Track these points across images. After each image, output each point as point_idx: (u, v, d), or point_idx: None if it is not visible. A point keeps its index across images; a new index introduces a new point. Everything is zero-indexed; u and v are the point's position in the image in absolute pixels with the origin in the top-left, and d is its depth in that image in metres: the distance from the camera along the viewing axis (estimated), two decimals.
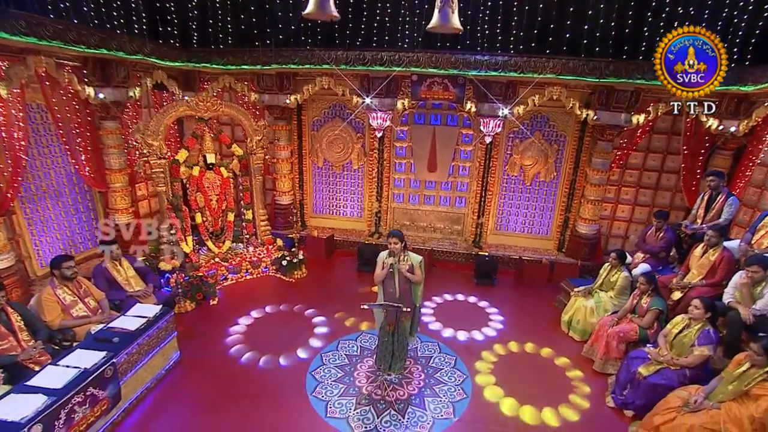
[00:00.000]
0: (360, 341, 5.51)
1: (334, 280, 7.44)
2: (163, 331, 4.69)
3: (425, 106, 8.04)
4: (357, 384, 4.73)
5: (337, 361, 5.08)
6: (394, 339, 4.75)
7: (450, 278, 7.49)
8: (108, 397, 3.91)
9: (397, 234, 4.49)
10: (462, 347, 5.47)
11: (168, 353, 4.81)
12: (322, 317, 6.02)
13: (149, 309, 4.77)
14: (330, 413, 4.30)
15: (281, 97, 7.86)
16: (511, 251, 8.13)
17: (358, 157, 8.53)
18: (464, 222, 8.58)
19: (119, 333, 4.29)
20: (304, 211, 9.01)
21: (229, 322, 5.81)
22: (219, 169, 7.29)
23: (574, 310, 5.91)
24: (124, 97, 6.48)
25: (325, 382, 4.72)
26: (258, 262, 7.42)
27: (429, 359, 5.20)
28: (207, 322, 5.86)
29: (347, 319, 6.00)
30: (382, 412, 4.32)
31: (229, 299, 6.51)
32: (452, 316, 6.21)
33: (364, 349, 5.34)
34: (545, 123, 7.74)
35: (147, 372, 4.48)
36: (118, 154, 6.70)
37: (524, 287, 7.37)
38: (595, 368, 5.16)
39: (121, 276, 5.19)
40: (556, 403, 4.59)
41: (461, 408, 4.45)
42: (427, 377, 4.87)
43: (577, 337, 5.81)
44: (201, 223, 7.17)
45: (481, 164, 8.11)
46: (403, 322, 4.72)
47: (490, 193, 8.22)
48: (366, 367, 5.02)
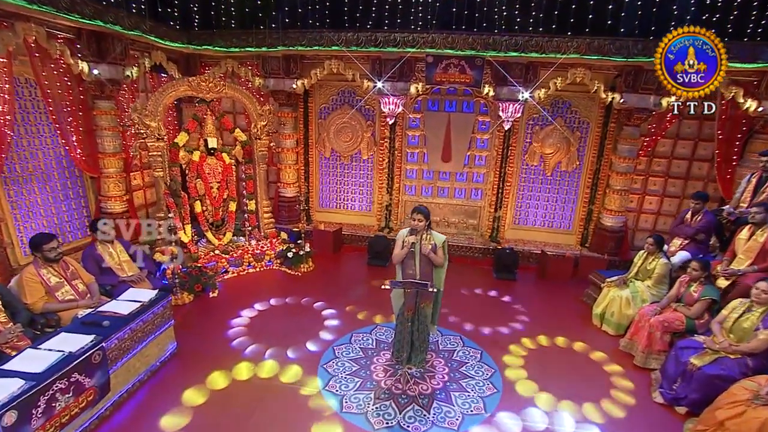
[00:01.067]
0: (375, 334, 5.13)
1: (344, 274, 7.13)
2: (158, 317, 4.30)
3: (439, 92, 7.76)
4: (374, 378, 4.34)
5: (351, 354, 4.70)
6: (413, 327, 4.36)
7: (467, 273, 7.14)
8: (95, 386, 3.50)
9: (422, 210, 4.16)
10: (487, 341, 5.10)
11: (164, 343, 4.41)
12: (332, 310, 5.67)
13: (144, 293, 4.39)
14: (346, 408, 3.89)
15: (287, 81, 7.58)
16: (530, 247, 7.75)
17: (367, 147, 8.21)
18: (480, 216, 8.23)
19: (110, 317, 3.89)
20: (310, 205, 8.65)
21: (230, 314, 5.44)
22: (221, 154, 6.97)
23: (608, 302, 5.52)
24: (120, 76, 6.17)
25: (339, 376, 4.33)
26: (261, 254, 7.04)
27: (452, 353, 4.82)
28: (207, 315, 5.49)
29: (360, 312, 5.64)
30: (404, 406, 3.92)
31: (230, 292, 6.15)
32: (473, 310, 5.87)
33: (380, 342, 4.97)
34: (567, 109, 7.44)
35: (140, 362, 4.07)
36: (113, 136, 6.36)
37: (547, 283, 6.99)
38: (637, 363, 4.76)
39: (114, 260, 4.81)
40: (597, 398, 4.20)
41: (492, 403, 4.05)
42: (452, 371, 4.49)
43: (611, 331, 5.41)
44: (200, 213, 6.82)
45: (498, 153, 7.80)
46: (423, 309, 4.33)
47: (508, 184, 7.89)
48: (383, 361, 4.64)
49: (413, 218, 4.16)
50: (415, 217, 4.15)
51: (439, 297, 4.46)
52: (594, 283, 6.21)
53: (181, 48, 7.30)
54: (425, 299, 4.27)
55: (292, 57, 7.47)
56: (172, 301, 5.54)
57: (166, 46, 6.96)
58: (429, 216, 4.23)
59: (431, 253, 4.15)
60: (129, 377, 3.95)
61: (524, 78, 6.92)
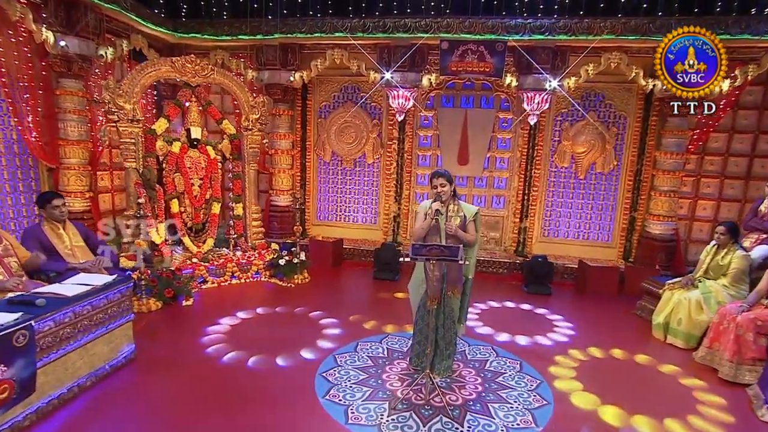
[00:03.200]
0: (386, 343, 4.50)
1: (346, 287, 6.61)
2: (113, 306, 3.66)
3: (455, 87, 7.50)
4: (388, 387, 3.66)
5: (358, 362, 4.05)
6: (438, 323, 3.75)
7: (492, 288, 6.57)
8: (13, 379, 2.81)
9: (444, 174, 3.72)
10: (526, 351, 4.49)
11: (117, 342, 3.73)
12: (332, 319, 5.06)
13: (98, 278, 3.78)
14: (353, 419, 3.18)
15: (284, 74, 7.33)
16: (565, 261, 7.14)
17: (373, 149, 7.84)
18: (503, 227, 7.70)
19: (48, 298, 3.26)
20: (305, 217, 8.13)
21: (207, 322, 4.78)
22: (205, 147, 6.54)
23: (672, 308, 4.86)
24: (92, 53, 5.88)
25: (341, 385, 3.64)
26: (248, 265, 6.43)
27: (483, 363, 4.16)
28: (177, 323, 4.88)
29: (366, 321, 5.04)
30: (429, 419, 3.21)
31: (208, 301, 5.55)
32: (504, 321, 5.30)
33: (393, 351, 4.32)
34: (600, 102, 7.12)
35: (82, 360, 3.39)
36: (78, 121, 5.96)
37: (588, 298, 6.35)
38: (724, 376, 4.04)
39: (63, 244, 4.22)
40: (681, 414, 3.49)
41: (544, 416, 3.36)
42: (486, 381, 3.81)
43: (681, 343, 4.71)
44: (178, 213, 6.26)
45: (523, 154, 7.40)
46: (451, 298, 3.73)
47: (534, 189, 7.42)
48: (399, 370, 3.95)
49: (435, 184, 3.70)
50: (436, 182, 3.70)
51: (468, 288, 3.89)
52: (649, 292, 5.56)
53: (164, 34, 7.09)
54: (453, 284, 3.70)
55: (290, 46, 7.26)
56: (135, 307, 4.94)
57: (148, 29, 6.75)
58: (453, 180, 3.76)
59: (459, 231, 3.63)
60: (65, 378, 3.25)
61: (551, 65, 6.66)
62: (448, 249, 3.22)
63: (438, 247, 3.23)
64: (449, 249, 3.22)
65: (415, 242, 3.37)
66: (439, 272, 3.68)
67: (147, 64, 6.02)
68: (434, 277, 3.69)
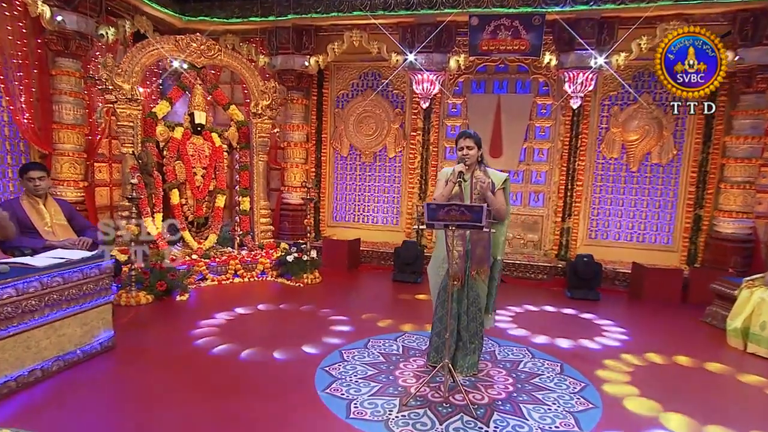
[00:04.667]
0: (403, 341, 4.22)
1: (361, 288, 6.46)
2: (90, 282, 3.52)
3: (486, 71, 7.30)
4: (401, 383, 3.37)
5: (367, 358, 3.80)
6: (460, 309, 3.45)
7: (529, 293, 6.24)
8: None
9: (473, 135, 3.52)
10: (568, 354, 4.15)
11: (92, 326, 3.57)
12: (342, 317, 4.85)
13: (76, 253, 3.65)
14: (356, 414, 2.89)
15: (298, 59, 7.29)
16: (615, 266, 6.68)
17: (395, 142, 7.66)
18: (543, 228, 7.32)
19: (15, 267, 3.13)
20: (320, 217, 7.95)
21: (200, 317, 4.64)
22: (210, 134, 6.49)
23: (752, 310, 4.38)
24: (91, 31, 5.94)
25: (345, 379, 3.37)
26: (253, 263, 6.26)
27: (516, 363, 3.84)
28: (168, 317, 4.74)
29: (382, 320, 4.81)
30: (447, 417, 2.89)
31: (205, 297, 5.41)
32: (543, 324, 5.00)
33: (409, 349, 4.04)
34: (656, 82, 6.73)
35: (49, 340, 3.22)
36: (74, 104, 5.98)
37: (645, 304, 5.89)
38: None
39: (43, 220, 4.13)
40: None
41: (590, 419, 2.99)
42: (518, 382, 3.47)
43: (764, 352, 4.22)
44: (177, 205, 6.18)
45: (564, 145, 7.07)
46: (476, 280, 3.45)
47: (579, 184, 7.05)
48: (414, 367, 3.66)
49: (460, 146, 3.49)
50: (462, 143, 3.47)
51: (497, 271, 3.61)
52: (721, 295, 5.06)
53: (171, 17, 7.18)
54: (479, 263, 3.44)
55: (305, 28, 7.24)
56: (122, 300, 4.83)
57: (153, 10, 6.84)
58: (481, 143, 3.52)
59: (488, 192, 3.35)
60: (26, 358, 3.07)
61: (597, 39, 6.37)
62: (469, 210, 2.94)
63: (458, 208, 2.95)
64: (471, 209, 2.93)
65: (432, 202, 3.10)
66: (462, 247, 3.44)
67: (149, 41, 6.07)
68: (457, 253, 3.43)
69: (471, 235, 3.43)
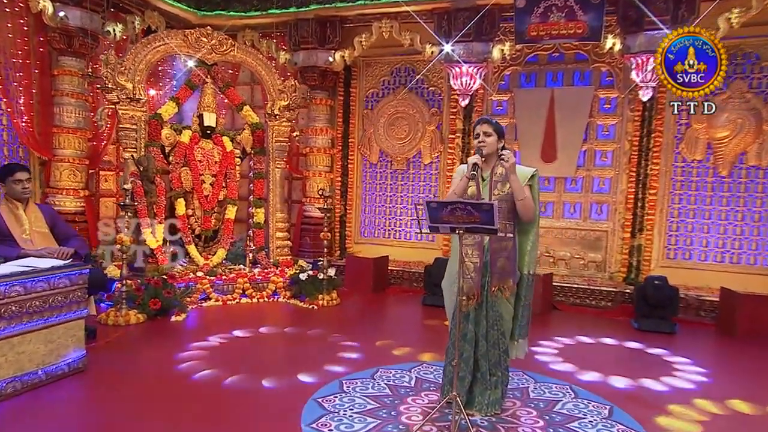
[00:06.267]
0: (418, 372, 4.02)
1: (384, 311, 6.41)
2: (58, 294, 3.53)
3: (537, 61, 7.07)
4: (403, 421, 3.16)
5: (371, 390, 3.61)
6: (478, 332, 3.21)
7: (586, 322, 5.93)
8: None
9: (492, 122, 3.31)
10: (622, 396, 3.80)
11: (60, 343, 3.56)
12: (352, 342, 4.72)
13: (48, 262, 3.68)
14: None
15: (322, 54, 7.35)
16: (700, 293, 6.17)
17: (431, 146, 7.56)
18: (607, 246, 6.93)
19: None
20: (346, 232, 7.88)
21: (192, 339, 4.63)
22: (221, 138, 6.57)
23: None
24: (97, 28, 6.20)
25: (338, 413, 3.19)
26: (264, 282, 6.22)
27: (553, 403, 3.54)
28: (156, 337, 4.75)
29: (398, 348, 4.65)
30: None
31: (205, 318, 5.43)
32: (595, 358, 4.70)
33: (422, 381, 3.84)
34: (753, 64, 6.26)
35: (4, 358, 3.20)
36: (77, 106, 6.23)
37: (738, 341, 5.38)
38: None
39: (21, 227, 4.22)
40: None
41: None
42: (551, 425, 3.17)
43: None
44: (183, 216, 6.25)
45: (633, 145, 6.71)
46: (497, 301, 3.22)
47: (652, 193, 6.63)
48: (425, 402, 3.44)
49: (476, 132, 3.29)
50: (479, 129, 3.28)
51: (526, 288, 3.38)
52: None
53: (185, 11, 7.38)
54: (501, 277, 3.22)
55: (329, 20, 7.30)
56: (110, 319, 4.88)
57: (165, 4, 7.07)
58: (503, 132, 3.33)
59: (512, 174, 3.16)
60: None
61: (672, 16, 5.98)
62: (476, 208, 2.71)
63: (463, 207, 2.73)
64: (478, 208, 2.71)
65: (431, 200, 2.90)
66: (479, 257, 3.20)
67: (155, 36, 6.24)
68: (472, 265, 3.21)
69: (490, 243, 3.20)
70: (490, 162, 3.28)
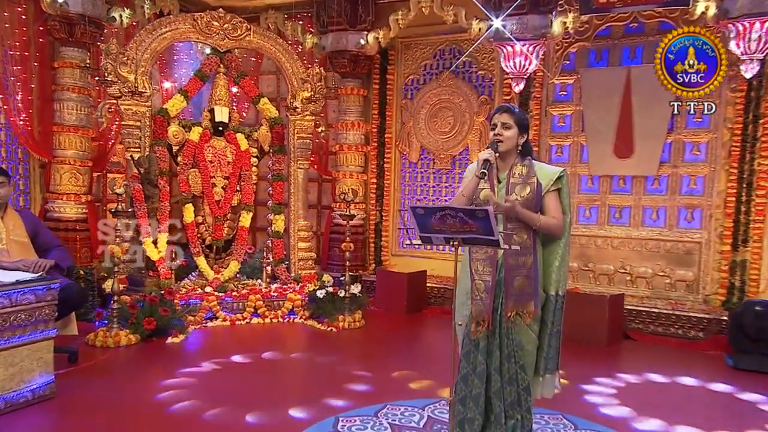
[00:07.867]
0: (432, 410, 3.94)
1: (413, 337, 6.40)
2: (22, 312, 3.65)
3: (610, 35, 6.85)
4: None
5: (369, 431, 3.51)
6: (489, 363, 3.07)
7: (664, 356, 5.71)
8: None
9: (514, 110, 3.17)
10: None
11: (22, 367, 3.68)
12: (364, 372, 4.75)
13: (14, 275, 3.84)
14: None
15: (353, 36, 7.41)
16: None
17: (480, 140, 7.51)
18: (701, 261, 6.55)
19: None
20: (382, 242, 7.86)
21: (183, 365, 4.75)
22: (234, 135, 6.70)
23: None
24: (101, 14, 6.45)
25: None
26: (280, 299, 6.27)
27: None
28: (144, 363, 4.91)
29: (415, 381, 4.61)
30: None
31: (207, 341, 5.59)
32: (663, 403, 4.47)
33: (434, 422, 3.77)
34: None
35: None
36: (78, 102, 6.49)
37: None
38: None
39: None
40: None
41: None
42: None
43: None
44: (192, 224, 6.39)
45: (735, 135, 6.38)
46: (514, 328, 3.05)
47: (759, 194, 6.23)
48: None
49: (494, 123, 3.13)
50: (497, 119, 3.12)
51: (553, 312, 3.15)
52: None
53: None
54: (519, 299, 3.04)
55: None
56: (98, 340, 5.03)
57: None
58: (527, 124, 3.20)
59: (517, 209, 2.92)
60: None
61: None
62: (470, 215, 2.56)
63: (455, 213, 2.60)
64: (471, 215, 2.56)
65: (417, 206, 2.78)
66: (491, 276, 3.04)
67: (160, 21, 6.44)
68: (483, 284, 3.06)
69: (504, 257, 3.03)
70: (508, 160, 3.11)
